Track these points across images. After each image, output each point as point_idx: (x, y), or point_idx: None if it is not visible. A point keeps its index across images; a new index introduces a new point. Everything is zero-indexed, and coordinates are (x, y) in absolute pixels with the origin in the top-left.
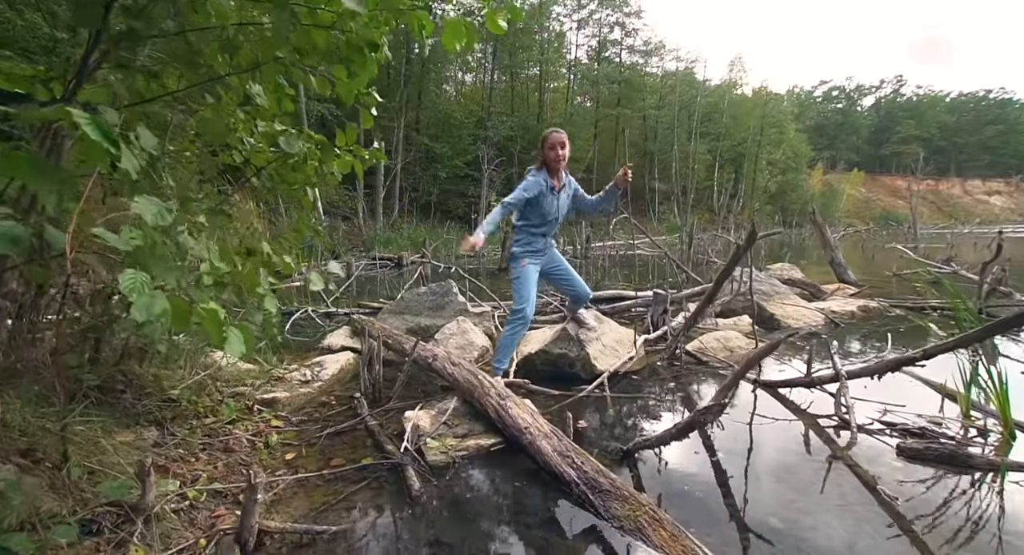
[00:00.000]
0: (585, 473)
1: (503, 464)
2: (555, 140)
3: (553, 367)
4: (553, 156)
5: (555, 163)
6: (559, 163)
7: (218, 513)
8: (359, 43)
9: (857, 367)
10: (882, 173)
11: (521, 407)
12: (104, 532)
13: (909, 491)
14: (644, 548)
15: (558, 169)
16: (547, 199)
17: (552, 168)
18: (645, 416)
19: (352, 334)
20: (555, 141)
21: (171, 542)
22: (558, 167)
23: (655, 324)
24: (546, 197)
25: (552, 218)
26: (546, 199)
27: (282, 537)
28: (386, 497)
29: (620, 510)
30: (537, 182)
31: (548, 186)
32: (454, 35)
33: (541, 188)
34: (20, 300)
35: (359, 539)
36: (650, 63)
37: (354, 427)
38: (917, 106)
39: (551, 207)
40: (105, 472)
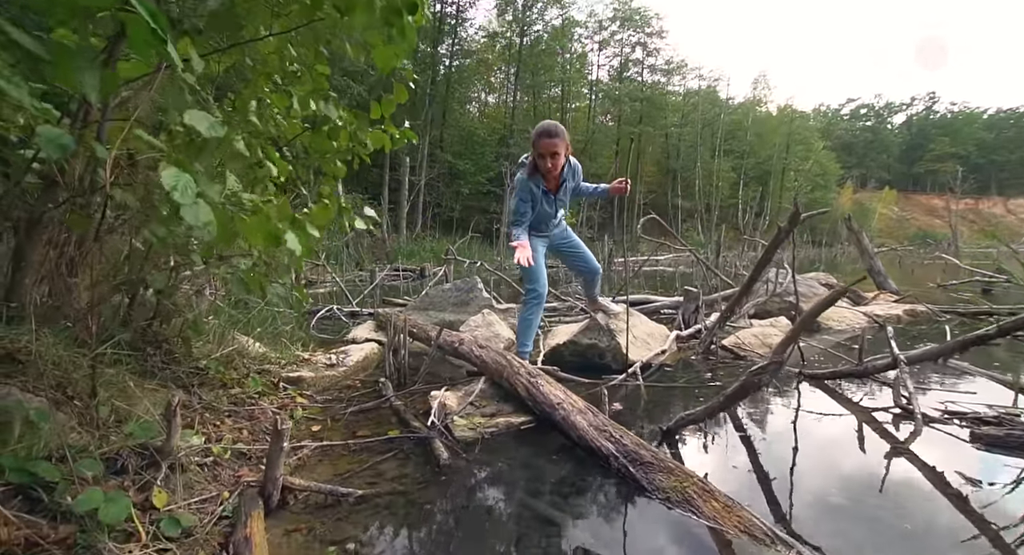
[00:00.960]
0: (625, 446)
1: (534, 441)
2: (545, 149)
3: (582, 358)
4: (543, 166)
5: (547, 172)
6: (551, 173)
7: (241, 473)
8: (397, 4)
9: (918, 352)
10: (916, 192)
11: (553, 385)
12: (128, 472)
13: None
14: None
15: (551, 176)
16: (540, 205)
17: (547, 174)
18: (682, 404)
19: (377, 327)
20: (545, 150)
21: (194, 492)
22: (551, 176)
23: (686, 322)
24: (539, 203)
25: (549, 218)
26: (539, 205)
27: (306, 497)
28: (412, 467)
29: (665, 482)
30: (528, 190)
31: (541, 191)
32: None
33: (534, 195)
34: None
35: (385, 504)
36: (672, 81)
37: (379, 406)
38: (952, 123)
39: (547, 211)
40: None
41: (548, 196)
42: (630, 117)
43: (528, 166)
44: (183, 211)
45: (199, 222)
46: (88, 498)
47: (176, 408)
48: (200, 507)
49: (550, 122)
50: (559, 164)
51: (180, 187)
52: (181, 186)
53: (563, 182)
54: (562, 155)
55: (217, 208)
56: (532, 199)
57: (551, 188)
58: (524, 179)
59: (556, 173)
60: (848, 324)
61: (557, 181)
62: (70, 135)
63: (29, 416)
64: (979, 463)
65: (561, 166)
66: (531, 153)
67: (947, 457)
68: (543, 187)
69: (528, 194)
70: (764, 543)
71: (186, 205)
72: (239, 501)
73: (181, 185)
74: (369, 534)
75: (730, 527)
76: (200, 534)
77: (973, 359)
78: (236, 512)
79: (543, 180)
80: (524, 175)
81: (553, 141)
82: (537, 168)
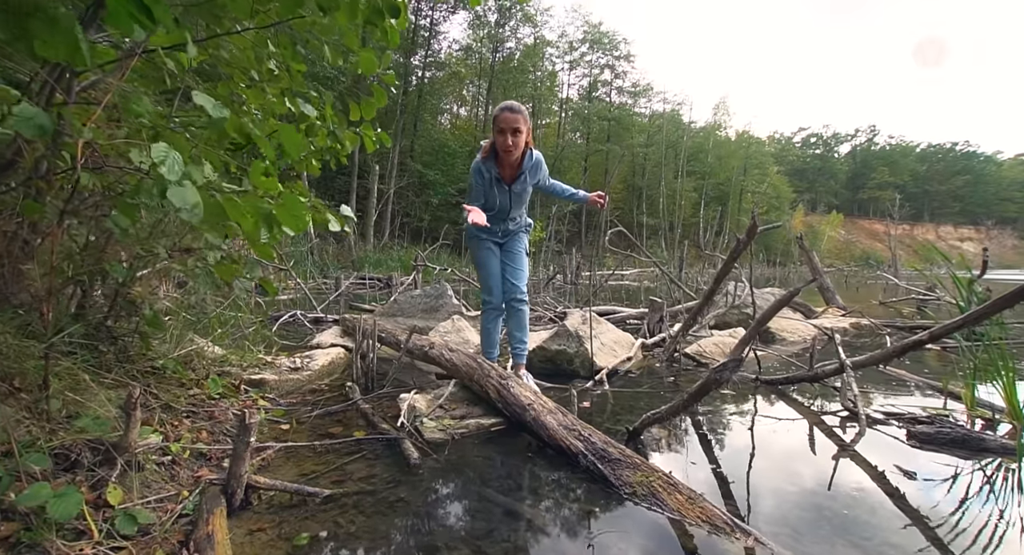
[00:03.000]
0: (593, 444)
1: (504, 442)
2: (504, 123)
3: (551, 364)
4: (501, 143)
5: (503, 153)
6: (508, 153)
7: (200, 472)
8: (379, 5)
9: (863, 357)
10: (860, 217)
11: (523, 386)
12: (81, 468)
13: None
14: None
15: (508, 161)
16: (495, 192)
17: (502, 160)
18: (647, 407)
19: (343, 333)
20: (505, 124)
21: (151, 490)
22: (509, 160)
23: (651, 331)
24: (493, 190)
25: (504, 208)
26: (493, 192)
27: (271, 497)
28: (381, 468)
29: (632, 477)
30: (479, 173)
31: (492, 177)
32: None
33: (485, 181)
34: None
35: (352, 503)
36: (639, 103)
37: (346, 409)
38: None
39: (498, 201)
40: (86, 410)
41: (500, 184)
42: (598, 136)
43: (483, 148)
44: (170, 193)
45: (187, 204)
46: (34, 493)
47: (136, 401)
48: (158, 505)
49: (511, 101)
50: (519, 143)
51: (168, 163)
52: (169, 162)
53: (520, 174)
54: (523, 135)
55: (204, 190)
56: (483, 184)
57: (505, 177)
58: (476, 162)
59: (514, 156)
60: (800, 335)
61: (514, 170)
62: (49, 116)
63: None
64: (914, 459)
65: (521, 149)
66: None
67: (887, 454)
68: (495, 173)
69: (479, 179)
70: (724, 531)
71: (172, 186)
72: (200, 499)
73: (169, 161)
74: (336, 531)
75: (693, 518)
76: (158, 532)
77: (909, 367)
78: (197, 510)
79: (497, 166)
80: (479, 157)
81: (515, 115)
82: (495, 150)
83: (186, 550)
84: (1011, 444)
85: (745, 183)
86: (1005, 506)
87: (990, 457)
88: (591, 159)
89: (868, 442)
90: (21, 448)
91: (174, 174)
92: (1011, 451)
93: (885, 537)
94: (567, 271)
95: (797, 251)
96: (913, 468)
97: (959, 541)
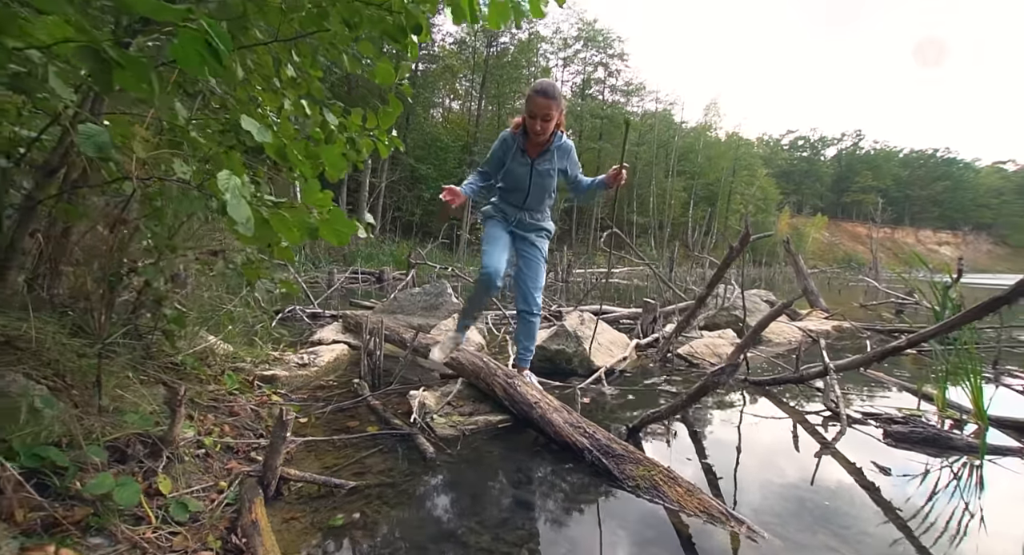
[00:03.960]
0: (598, 440)
1: (512, 438)
2: (538, 108)
3: (550, 363)
4: (530, 126)
5: (534, 136)
6: (538, 137)
7: (231, 465)
8: (403, 23)
9: (845, 361)
10: (844, 219)
11: (529, 385)
12: (131, 460)
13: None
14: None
15: (537, 141)
16: (516, 164)
17: (530, 139)
18: (643, 405)
19: (344, 330)
20: (537, 110)
21: (191, 481)
22: (537, 141)
23: (645, 332)
24: (515, 161)
25: (523, 187)
26: (515, 163)
27: (301, 488)
28: (398, 461)
29: (635, 471)
30: (504, 141)
31: (518, 149)
32: (499, 15)
33: (508, 149)
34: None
35: (376, 494)
36: (631, 102)
37: (357, 405)
38: (874, 159)
39: (520, 175)
40: (129, 405)
41: (524, 156)
42: (591, 133)
43: (514, 123)
44: (230, 209)
45: (242, 219)
46: (100, 482)
47: (182, 399)
48: (200, 495)
49: (548, 81)
50: (548, 129)
51: (231, 188)
52: (232, 186)
53: (547, 151)
54: (554, 121)
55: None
56: (504, 152)
57: (531, 151)
58: (506, 131)
59: (542, 139)
60: (786, 338)
61: (541, 147)
62: (109, 133)
63: (34, 403)
64: (889, 456)
65: (550, 133)
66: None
67: (865, 451)
68: (522, 143)
69: (502, 146)
70: (720, 520)
71: (231, 204)
72: (240, 489)
73: (232, 185)
74: (364, 520)
75: (692, 508)
76: (207, 519)
77: (887, 370)
78: (239, 499)
79: (525, 141)
80: (508, 129)
81: (548, 101)
82: (524, 128)
83: (234, 535)
84: (975, 443)
85: (734, 184)
86: (969, 500)
87: (957, 455)
88: (584, 157)
89: (848, 440)
90: (78, 440)
91: (236, 198)
92: (975, 450)
93: (862, 527)
94: (559, 269)
95: (783, 252)
96: (888, 465)
97: (928, 532)
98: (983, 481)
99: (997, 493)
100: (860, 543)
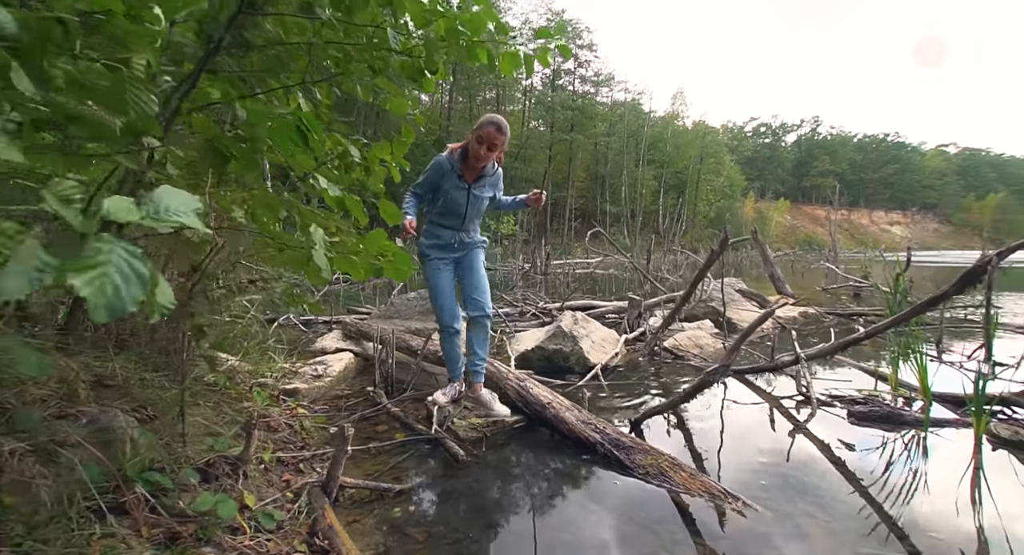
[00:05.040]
0: (608, 435)
1: (528, 437)
2: (487, 135)
3: (549, 362)
4: (475, 151)
5: (474, 159)
6: (478, 161)
7: (286, 477)
8: (421, 65)
9: (814, 350)
10: (804, 203)
11: (539, 386)
12: (215, 479)
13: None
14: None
15: (476, 166)
16: (453, 188)
17: (469, 163)
18: (640, 399)
19: (344, 337)
20: (487, 137)
21: (264, 494)
22: (477, 165)
23: (631, 326)
24: (452, 185)
25: (459, 212)
26: (452, 187)
27: (353, 494)
28: (431, 465)
29: (643, 460)
30: (439, 166)
31: (456, 171)
32: (512, 63)
33: (444, 173)
34: None
35: (420, 496)
36: (601, 92)
37: (378, 413)
38: (831, 144)
39: (458, 200)
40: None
41: (461, 181)
42: (562, 124)
43: (451, 147)
44: (315, 257)
45: (324, 264)
46: (203, 501)
47: (256, 422)
48: (275, 505)
49: (501, 118)
50: (490, 158)
51: (318, 239)
52: (319, 238)
53: (481, 177)
54: (497, 152)
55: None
56: (440, 177)
57: (467, 176)
58: (442, 156)
59: (480, 165)
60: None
61: (476, 173)
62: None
63: (133, 435)
64: (853, 433)
65: (491, 160)
66: (465, 139)
67: (832, 430)
68: (459, 169)
69: (437, 170)
70: (719, 498)
71: (317, 254)
72: (309, 498)
73: (319, 237)
74: (418, 518)
75: (695, 490)
76: (289, 526)
77: (849, 354)
78: (310, 507)
79: (463, 166)
80: (445, 154)
81: (500, 136)
82: (464, 154)
83: (316, 538)
84: (922, 417)
85: (702, 172)
86: (916, 467)
87: (907, 429)
88: (555, 148)
89: (817, 420)
90: (171, 464)
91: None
92: (921, 423)
93: (833, 495)
94: (537, 261)
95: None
96: (852, 441)
97: (886, 496)
98: (927, 450)
99: (938, 459)
100: (833, 508)
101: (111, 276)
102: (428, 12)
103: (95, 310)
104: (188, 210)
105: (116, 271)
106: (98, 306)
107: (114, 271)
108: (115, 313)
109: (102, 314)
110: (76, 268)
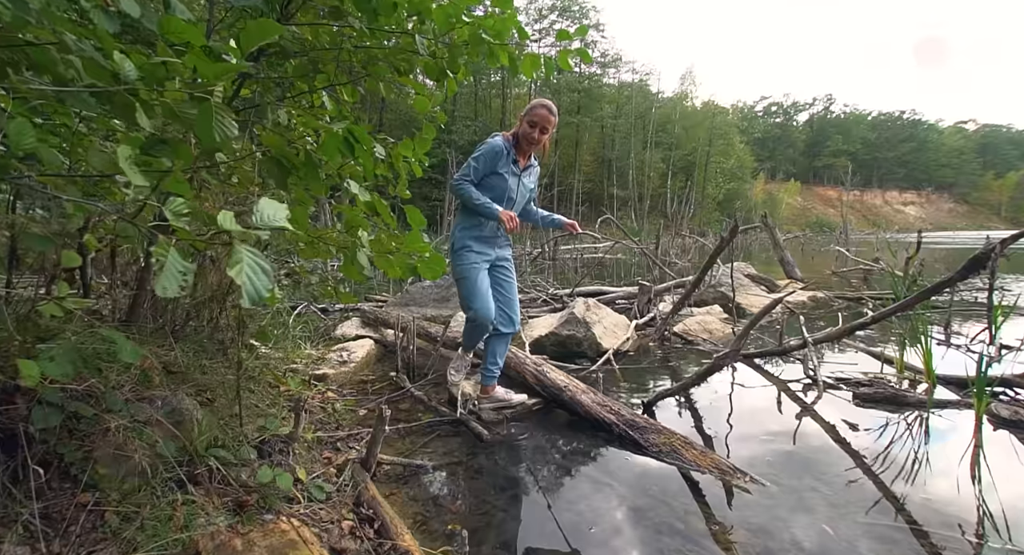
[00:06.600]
0: (623, 416)
1: (546, 419)
2: (540, 117)
3: (562, 347)
4: (527, 133)
5: (528, 146)
6: (531, 146)
7: (326, 454)
8: (444, 67)
9: (821, 335)
10: (816, 184)
11: (556, 371)
12: (270, 455)
13: (863, 425)
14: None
15: (528, 151)
16: (507, 172)
17: (522, 148)
18: (652, 382)
19: (363, 324)
20: (540, 119)
21: (312, 469)
22: (529, 150)
23: (641, 312)
24: (507, 169)
25: (510, 198)
26: (506, 172)
27: (388, 470)
28: (457, 445)
29: (657, 439)
30: (495, 147)
31: (510, 157)
32: (532, 65)
33: (500, 156)
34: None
35: (451, 471)
36: (608, 74)
37: (403, 396)
38: (844, 123)
39: (509, 185)
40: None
41: (516, 166)
42: (569, 107)
43: (503, 134)
44: (359, 255)
45: (365, 264)
46: (264, 473)
47: (303, 405)
48: (322, 479)
49: (550, 100)
50: (543, 141)
51: (364, 240)
52: (364, 239)
53: (529, 166)
54: (548, 135)
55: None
56: (496, 160)
57: (521, 163)
58: (496, 138)
59: (533, 150)
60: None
61: (527, 159)
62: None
63: (198, 416)
64: (858, 414)
65: (544, 145)
66: (516, 124)
67: (838, 411)
68: (513, 154)
69: (492, 151)
70: (728, 474)
71: (361, 254)
72: (352, 473)
73: (364, 239)
74: (450, 492)
75: (706, 466)
76: (336, 497)
77: (854, 336)
78: (353, 481)
79: (516, 150)
80: (495, 139)
81: (551, 116)
82: (515, 139)
83: (362, 508)
84: (925, 399)
85: (711, 154)
86: (918, 447)
87: (911, 410)
88: (562, 131)
89: (823, 402)
90: (231, 442)
91: (364, 249)
92: (924, 404)
93: (837, 472)
94: (545, 247)
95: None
96: (856, 421)
97: (887, 473)
98: (929, 430)
99: (940, 438)
100: (835, 485)
101: (246, 271)
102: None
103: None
104: (281, 217)
105: (249, 267)
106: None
107: (247, 267)
108: (254, 300)
109: (247, 300)
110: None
